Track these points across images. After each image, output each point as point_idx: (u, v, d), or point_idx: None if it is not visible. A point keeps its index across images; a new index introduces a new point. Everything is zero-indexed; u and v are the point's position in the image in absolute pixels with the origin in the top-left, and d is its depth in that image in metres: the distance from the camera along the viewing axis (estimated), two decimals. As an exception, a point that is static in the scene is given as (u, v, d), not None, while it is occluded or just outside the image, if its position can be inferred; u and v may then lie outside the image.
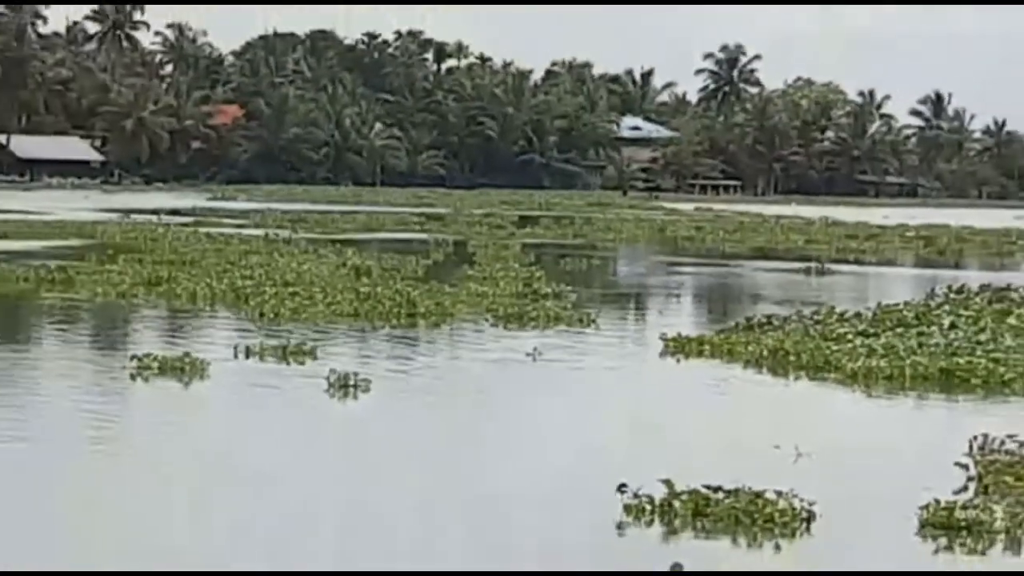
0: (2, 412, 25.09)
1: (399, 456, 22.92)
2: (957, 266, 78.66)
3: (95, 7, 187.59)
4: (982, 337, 33.83)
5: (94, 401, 27.07)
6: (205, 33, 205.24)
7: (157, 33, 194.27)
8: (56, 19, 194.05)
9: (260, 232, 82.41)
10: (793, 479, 17.14)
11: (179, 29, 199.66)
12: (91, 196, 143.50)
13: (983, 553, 15.40)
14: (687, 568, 14.51)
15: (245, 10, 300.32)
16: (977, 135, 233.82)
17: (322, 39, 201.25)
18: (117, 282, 47.94)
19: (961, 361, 30.42)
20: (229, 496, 19.46)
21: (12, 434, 22.73)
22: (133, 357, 29.78)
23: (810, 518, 15.43)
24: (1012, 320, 36.65)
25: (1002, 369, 29.78)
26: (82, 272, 50.92)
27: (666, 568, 15.50)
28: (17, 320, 42.95)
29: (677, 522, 15.90)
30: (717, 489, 15.97)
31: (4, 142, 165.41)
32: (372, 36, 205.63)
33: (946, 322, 36.68)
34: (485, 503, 19.67)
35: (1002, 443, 19.38)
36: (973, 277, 62.22)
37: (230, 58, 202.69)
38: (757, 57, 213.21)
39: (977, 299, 42.56)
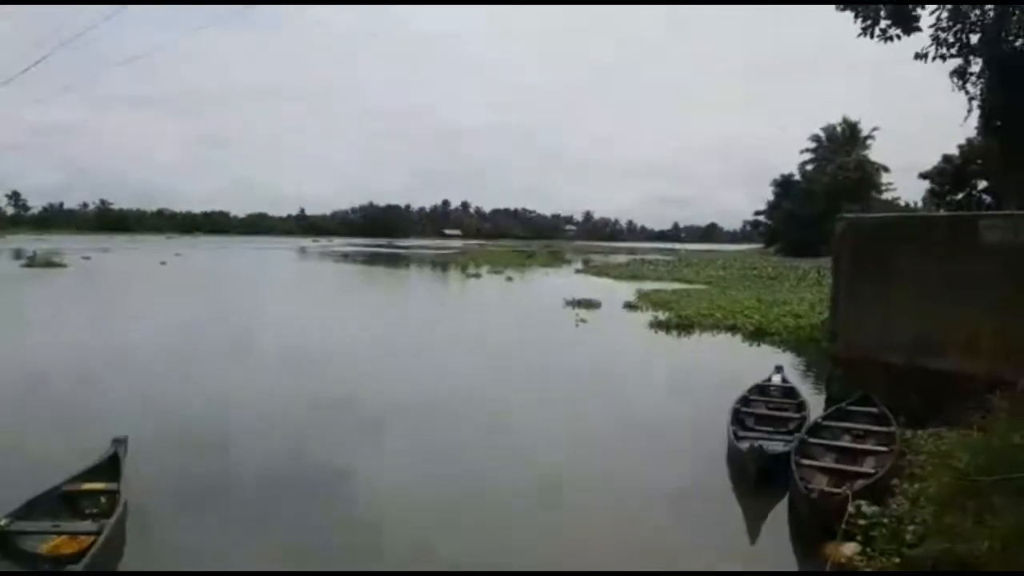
0: (426, 290, 44.55)
1: (516, 288, 38.17)
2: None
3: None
4: (635, 271, 51.52)
5: (450, 284, 45.08)
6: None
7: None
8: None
9: (500, 248, 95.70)
10: (601, 297, 28.24)
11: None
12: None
13: (637, 312, 25.43)
14: (576, 313, 24.23)
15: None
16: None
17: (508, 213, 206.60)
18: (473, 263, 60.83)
19: (636, 273, 47.49)
20: (483, 297, 33.36)
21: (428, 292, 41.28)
22: (467, 273, 48.65)
23: (600, 305, 26.56)
24: (627, 266, 56.94)
25: (641, 274, 46.53)
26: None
27: (573, 310, 24.88)
28: (445, 276, 51.14)
29: (575, 305, 26.32)
30: (584, 300, 27.02)
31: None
32: (527, 210, 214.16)
33: (627, 264, 58.10)
34: (524, 295, 33.15)
35: (648, 292, 31.59)
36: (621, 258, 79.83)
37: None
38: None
39: (624, 263, 63.86)
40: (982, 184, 48.00)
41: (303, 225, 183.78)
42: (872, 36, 15.17)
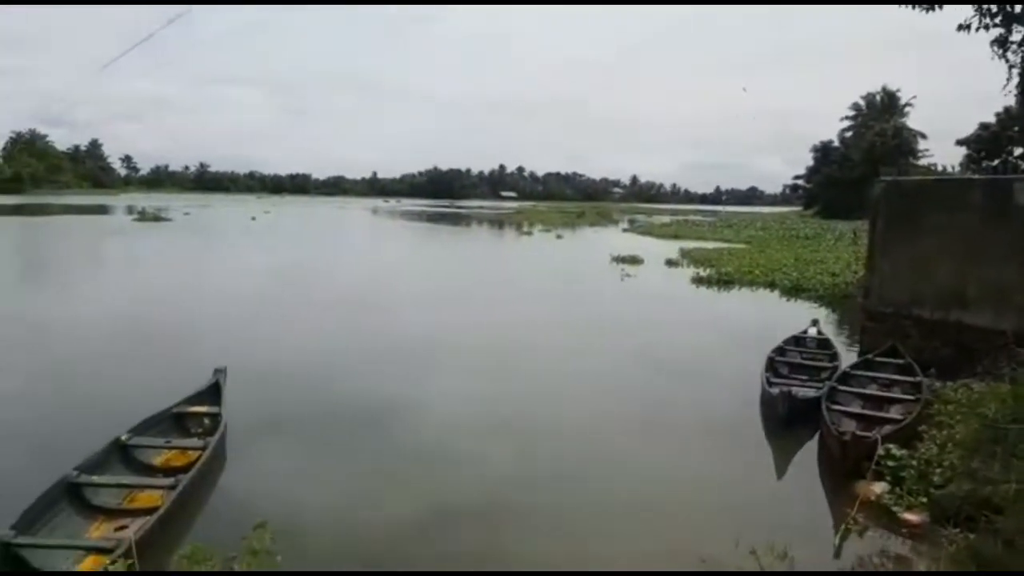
0: (473, 243, 43.45)
1: (566, 245, 36.71)
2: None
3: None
4: (677, 230, 48.20)
5: (506, 241, 43.48)
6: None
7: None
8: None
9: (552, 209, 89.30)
10: (645, 254, 27.67)
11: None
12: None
13: (679, 268, 24.63)
14: (622, 268, 24.11)
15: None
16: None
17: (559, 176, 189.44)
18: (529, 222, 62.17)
19: (679, 233, 45.07)
20: (532, 250, 32.12)
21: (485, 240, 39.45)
22: (522, 231, 47.29)
23: (644, 261, 25.61)
24: (669, 226, 53.55)
25: (683, 234, 44.12)
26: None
27: (619, 265, 24.19)
28: (501, 233, 52.12)
29: (621, 260, 25.64)
30: (629, 256, 26.34)
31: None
32: (577, 174, 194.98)
33: (670, 224, 55.23)
34: (573, 252, 31.69)
35: (690, 250, 29.96)
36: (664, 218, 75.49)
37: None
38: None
39: (667, 223, 59.74)
40: (1018, 150, 45.37)
41: (376, 187, 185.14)
42: (915, 6, 14.38)
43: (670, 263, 26.20)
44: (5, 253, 26.95)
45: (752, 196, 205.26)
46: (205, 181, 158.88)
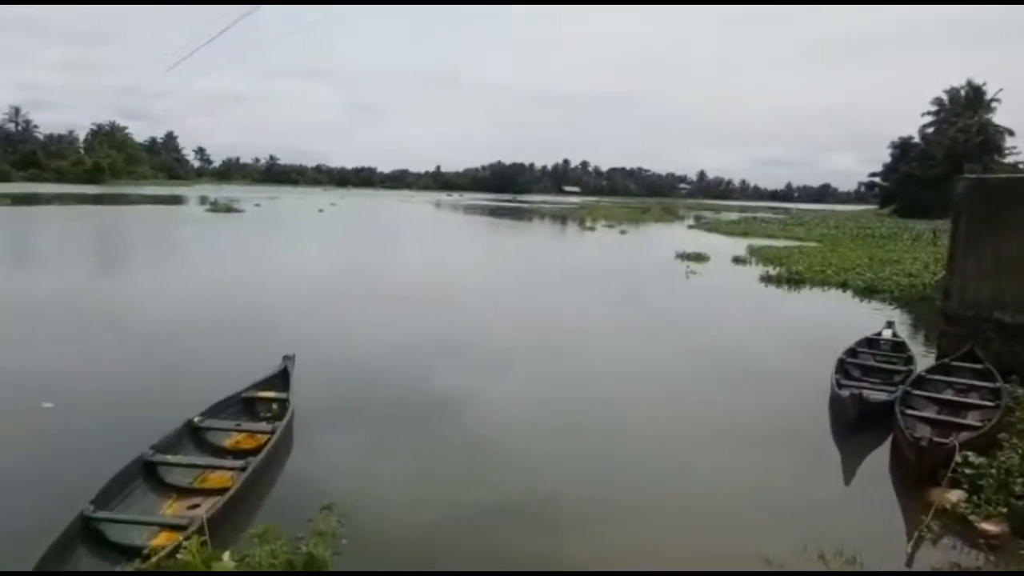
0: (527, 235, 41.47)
1: (630, 241, 34.76)
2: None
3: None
4: (745, 227, 46.24)
5: (569, 236, 42.08)
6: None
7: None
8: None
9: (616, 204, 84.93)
10: (711, 252, 27.00)
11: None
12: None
13: (747, 267, 24.03)
14: (687, 265, 23.59)
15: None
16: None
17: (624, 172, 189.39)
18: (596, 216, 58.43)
19: (747, 230, 43.17)
20: (586, 243, 31.74)
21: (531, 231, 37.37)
22: (585, 227, 45.84)
23: (710, 259, 25.10)
24: (738, 223, 51.42)
25: (751, 231, 42.40)
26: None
27: (684, 263, 23.34)
28: (563, 228, 51.97)
29: (686, 257, 25.27)
30: (694, 253, 25.87)
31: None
32: (642, 169, 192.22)
33: (738, 221, 53.40)
34: (637, 248, 30.80)
35: (758, 248, 28.76)
36: (732, 215, 73.30)
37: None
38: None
39: (735, 220, 57.68)
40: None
41: (439, 181, 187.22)
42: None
43: (737, 261, 25.69)
44: (93, 240, 28.49)
45: (825, 193, 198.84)
46: (274, 173, 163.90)
